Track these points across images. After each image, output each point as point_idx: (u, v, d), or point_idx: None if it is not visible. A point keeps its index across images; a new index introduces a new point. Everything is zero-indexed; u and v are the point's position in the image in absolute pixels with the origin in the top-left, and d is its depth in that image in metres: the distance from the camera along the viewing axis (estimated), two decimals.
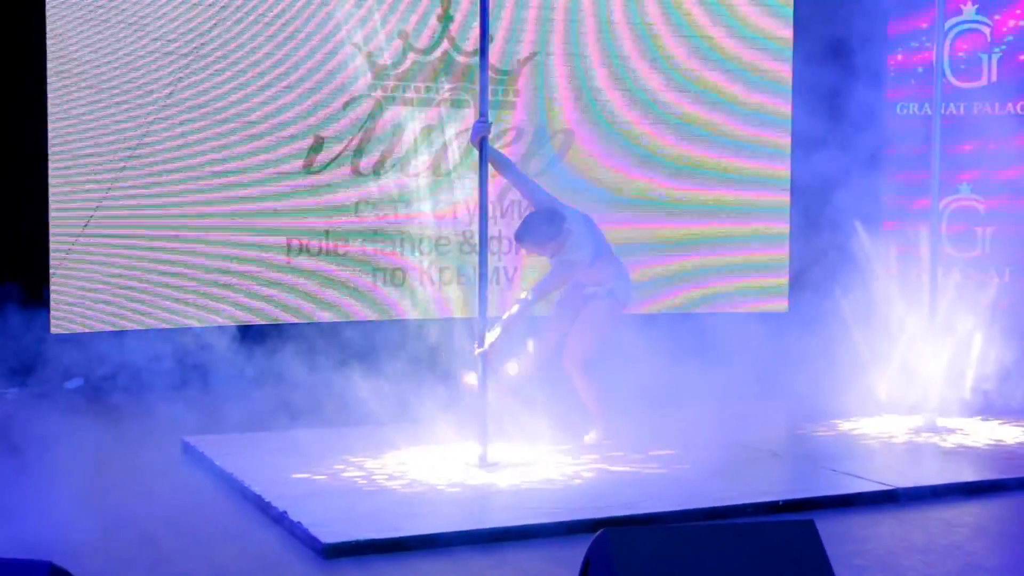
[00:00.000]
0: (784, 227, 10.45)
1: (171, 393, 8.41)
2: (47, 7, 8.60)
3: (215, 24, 9.02)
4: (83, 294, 8.86)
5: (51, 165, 8.69)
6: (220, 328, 9.08)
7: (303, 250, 9.38)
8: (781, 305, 10.44)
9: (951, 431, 7.45)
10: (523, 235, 6.71)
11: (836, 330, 8.25)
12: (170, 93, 8.93)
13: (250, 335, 9.08)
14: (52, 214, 8.71)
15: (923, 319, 7.68)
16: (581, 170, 9.93)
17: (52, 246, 8.72)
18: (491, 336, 6.42)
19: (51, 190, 8.70)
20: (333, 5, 9.31)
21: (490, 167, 6.58)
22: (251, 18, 9.13)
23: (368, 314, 9.54)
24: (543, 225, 6.64)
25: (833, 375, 8.15)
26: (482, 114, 6.41)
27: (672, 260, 10.24)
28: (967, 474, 6.50)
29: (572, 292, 6.94)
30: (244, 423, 7.44)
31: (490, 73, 6.61)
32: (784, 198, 10.43)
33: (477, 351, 6.42)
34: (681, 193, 10.25)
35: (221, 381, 8.61)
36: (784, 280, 10.47)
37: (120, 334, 8.90)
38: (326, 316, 9.46)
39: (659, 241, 10.16)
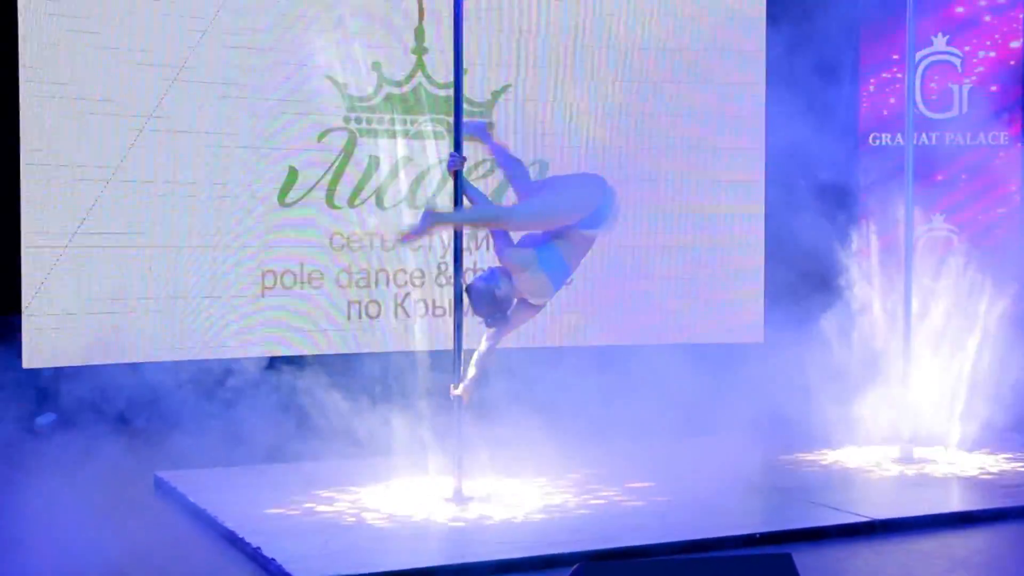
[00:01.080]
0: (759, 261, 10.46)
1: (143, 427, 8.34)
2: (19, 33, 8.53)
3: (188, 56, 8.99)
4: (56, 327, 8.78)
5: (24, 197, 8.62)
6: (192, 361, 9.01)
7: (277, 282, 9.34)
8: (756, 336, 10.44)
9: (928, 462, 7.45)
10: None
11: (813, 360, 8.24)
12: (143, 127, 8.89)
13: (222, 368, 9.01)
14: (24, 247, 8.64)
15: (901, 348, 7.69)
16: None
17: (24, 278, 8.64)
18: (467, 379, 6.36)
19: (24, 223, 8.62)
20: (308, 37, 9.30)
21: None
22: (226, 50, 9.11)
23: (342, 347, 9.49)
24: (483, 303, 6.29)
25: (810, 406, 8.14)
26: (456, 146, 6.40)
27: (647, 282, 10.24)
28: (944, 506, 6.50)
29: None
30: (217, 457, 7.37)
31: (465, 105, 6.59)
32: (759, 229, 10.46)
33: (453, 393, 6.38)
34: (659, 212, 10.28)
35: (194, 415, 8.53)
36: (759, 309, 10.47)
37: (93, 368, 8.82)
38: (299, 348, 9.40)
39: (635, 262, 10.19)
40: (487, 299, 6.24)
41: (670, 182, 10.28)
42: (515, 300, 6.34)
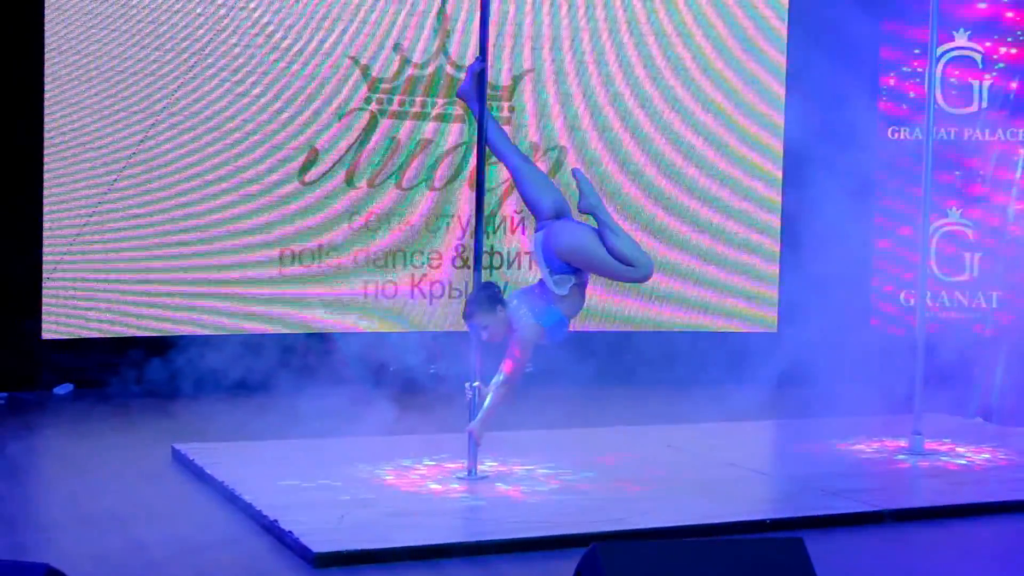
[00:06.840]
0: (775, 248, 10.51)
1: (161, 400, 8.42)
2: (46, 19, 8.63)
3: (213, 36, 9.07)
4: (76, 301, 8.87)
5: (47, 172, 8.72)
6: (211, 337, 9.09)
7: (295, 260, 9.41)
8: (771, 325, 10.49)
9: (938, 453, 7.49)
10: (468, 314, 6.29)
11: (826, 350, 8.30)
12: (166, 105, 8.97)
13: (241, 344, 9.09)
14: (46, 220, 8.73)
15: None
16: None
17: (46, 252, 8.74)
18: (480, 414, 6.33)
19: (46, 197, 8.72)
20: (331, 19, 9.37)
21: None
22: (250, 30, 9.18)
23: (359, 326, 9.56)
24: (482, 305, 6.20)
25: (823, 395, 8.20)
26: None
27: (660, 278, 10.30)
28: (953, 496, 6.53)
29: None
30: (235, 432, 7.44)
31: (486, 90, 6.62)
32: (775, 221, 10.51)
33: (468, 429, 6.37)
34: (669, 212, 10.34)
35: (212, 390, 8.61)
36: (774, 297, 10.52)
37: (111, 341, 8.91)
38: (318, 327, 9.48)
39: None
40: (481, 311, 6.17)
41: (688, 173, 10.35)
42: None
